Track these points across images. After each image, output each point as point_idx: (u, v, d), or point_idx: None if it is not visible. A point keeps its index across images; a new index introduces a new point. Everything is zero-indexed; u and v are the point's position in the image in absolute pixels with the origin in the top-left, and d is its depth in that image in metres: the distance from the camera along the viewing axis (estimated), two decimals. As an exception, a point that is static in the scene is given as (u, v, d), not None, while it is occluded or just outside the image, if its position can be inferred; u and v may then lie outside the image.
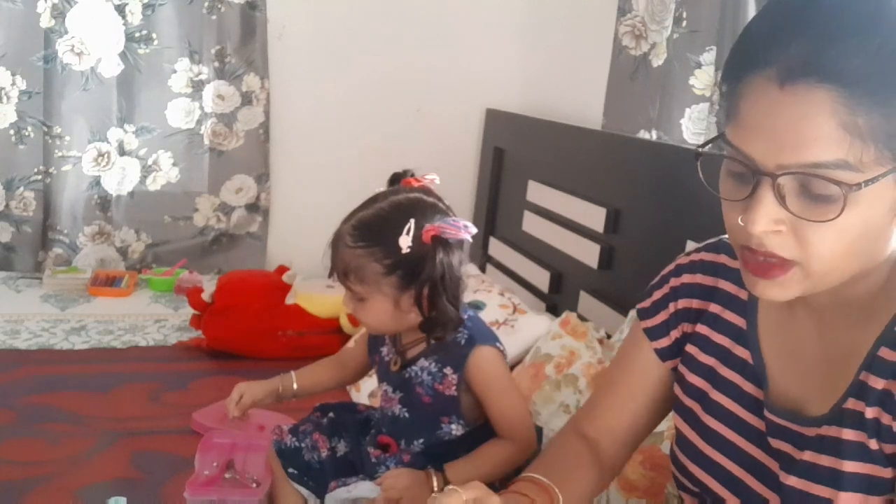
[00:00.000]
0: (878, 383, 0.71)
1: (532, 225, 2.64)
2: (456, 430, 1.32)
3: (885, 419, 0.70)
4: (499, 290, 2.26)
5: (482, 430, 1.33)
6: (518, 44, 3.17)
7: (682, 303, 0.92)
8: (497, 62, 3.18)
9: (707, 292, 0.90)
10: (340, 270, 1.27)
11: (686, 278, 0.92)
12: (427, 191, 1.31)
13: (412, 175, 1.34)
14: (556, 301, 2.45)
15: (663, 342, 0.94)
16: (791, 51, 0.63)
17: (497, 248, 2.90)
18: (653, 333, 0.95)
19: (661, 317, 0.94)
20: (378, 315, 1.28)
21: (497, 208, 3.05)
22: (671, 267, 0.96)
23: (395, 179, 1.35)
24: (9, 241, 2.95)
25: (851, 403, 0.73)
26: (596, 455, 0.97)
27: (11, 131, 2.84)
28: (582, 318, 2.01)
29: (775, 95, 0.64)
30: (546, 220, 2.53)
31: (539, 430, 1.43)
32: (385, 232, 1.22)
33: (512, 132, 2.97)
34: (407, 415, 1.34)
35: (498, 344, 1.33)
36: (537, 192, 2.63)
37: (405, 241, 1.19)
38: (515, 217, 2.76)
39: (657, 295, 0.95)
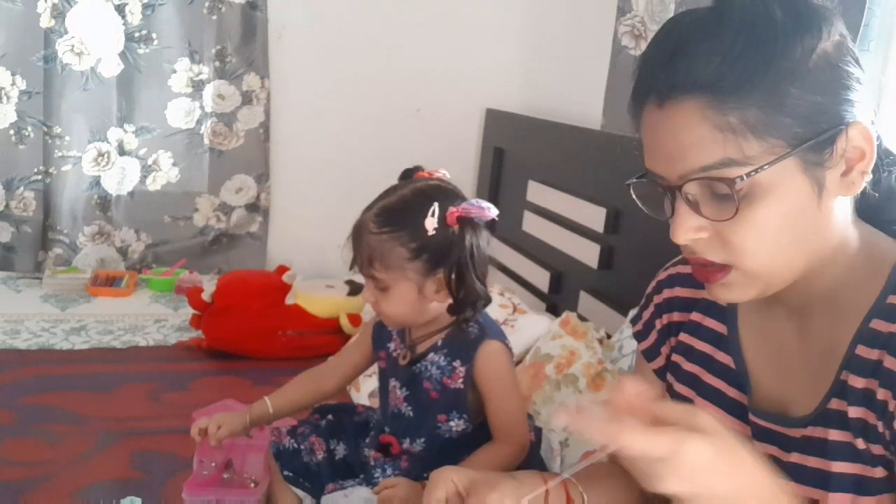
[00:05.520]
0: (858, 382, 0.71)
1: (532, 225, 2.64)
2: (457, 426, 1.31)
3: (871, 419, 0.70)
4: (499, 290, 2.26)
5: (482, 429, 1.32)
6: (518, 44, 3.17)
7: (666, 318, 0.94)
8: (497, 62, 3.18)
9: (687, 303, 0.91)
10: (365, 258, 1.26)
11: (666, 293, 0.94)
12: (443, 180, 1.33)
13: (423, 170, 1.35)
14: (556, 301, 2.45)
15: (658, 362, 0.96)
16: (661, 75, 0.69)
17: (497, 248, 2.89)
18: (648, 355, 0.97)
19: (653, 337, 0.96)
20: (401, 303, 1.27)
21: (497, 208, 3.04)
22: (652, 284, 0.97)
23: (408, 174, 1.35)
24: (9, 241, 2.95)
25: (835, 404, 0.73)
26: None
27: (11, 131, 2.84)
28: (582, 318, 2.01)
29: (658, 117, 0.70)
30: (546, 220, 2.53)
31: (539, 431, 1.43)
32: (410, 216, 1.23)
33: (512, 132, 2.97)
34: (412, 413, 1.34)
35: (506, 340, 1.34)
36: (537, 192, 2.63)
37: (431, 223, 1.21)
38: (515, 217, 2.76)
39: (646, 315, 0.97)
